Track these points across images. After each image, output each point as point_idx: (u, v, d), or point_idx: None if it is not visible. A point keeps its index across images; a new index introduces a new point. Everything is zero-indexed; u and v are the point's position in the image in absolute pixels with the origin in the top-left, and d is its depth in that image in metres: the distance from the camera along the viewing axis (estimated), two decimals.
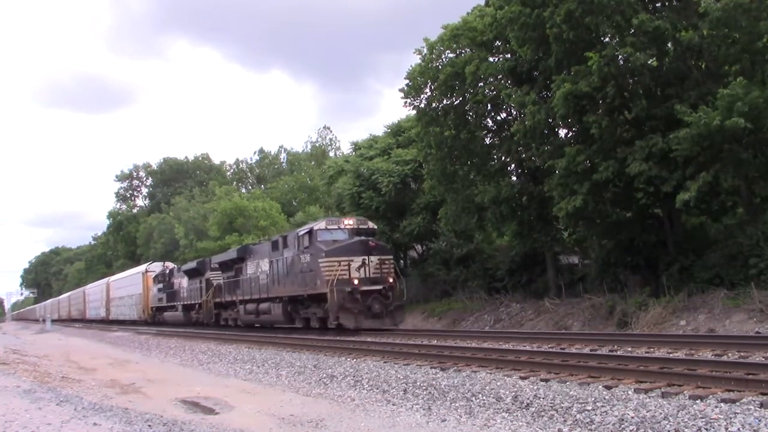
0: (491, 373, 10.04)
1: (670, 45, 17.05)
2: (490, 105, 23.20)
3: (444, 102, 23.88)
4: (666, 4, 18.11)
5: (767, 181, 16.49)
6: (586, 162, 17.98)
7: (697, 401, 7.13)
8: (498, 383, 9.19)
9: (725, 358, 10.09)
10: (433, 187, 25.73)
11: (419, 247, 32.73)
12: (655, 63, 17.37)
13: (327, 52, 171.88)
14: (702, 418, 6.51)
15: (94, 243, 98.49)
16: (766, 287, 15.33)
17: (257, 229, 45.27)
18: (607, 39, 17.85)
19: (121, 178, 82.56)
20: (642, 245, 19.19)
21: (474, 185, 23.94)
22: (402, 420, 8.10)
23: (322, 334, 19.80)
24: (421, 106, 24.32)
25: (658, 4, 18.18)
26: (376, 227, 21.85)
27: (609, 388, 8.30)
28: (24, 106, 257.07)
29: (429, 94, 24.09)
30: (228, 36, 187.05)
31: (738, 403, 6.86)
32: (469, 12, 23.49)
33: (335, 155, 60.64)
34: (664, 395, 7.55)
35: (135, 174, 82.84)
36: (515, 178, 24.33)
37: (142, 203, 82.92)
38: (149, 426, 7.79)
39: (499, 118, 24.13)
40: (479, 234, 27.87)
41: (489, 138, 24.76)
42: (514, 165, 24.25)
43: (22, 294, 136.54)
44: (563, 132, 21.26)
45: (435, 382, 9.85)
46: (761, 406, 6.72)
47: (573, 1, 16.51)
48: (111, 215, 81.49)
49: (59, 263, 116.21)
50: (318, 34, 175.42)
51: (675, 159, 15.89)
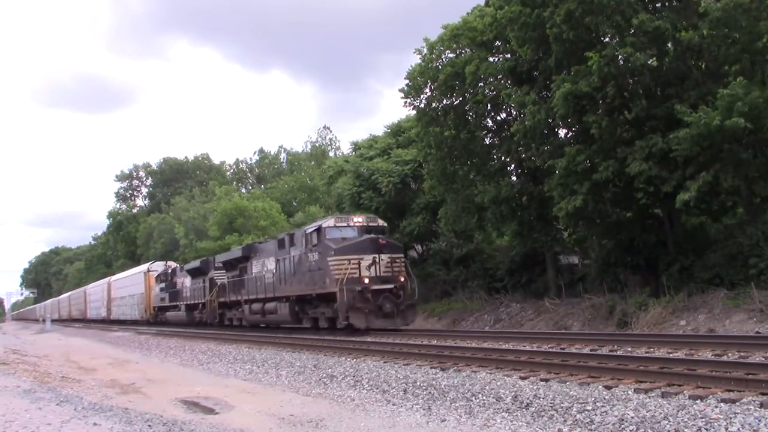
0: (491, 373, 10.04)
1: (670, 45, 17.05)
2: (490, 105, 23.19)
3: (444, 102, 23.87)
4: (666, 4, 18.11)
5: (767, 181, 16.49)
6: (586, 162, 17.98)
7: (697, 401, 7.13)
8: (498, 383, 9.19)
9: (725, 358, 10.09)
10: (433, 187, 25.73)
11: (419, 247, 32.71)
12: (655, 63, 17.37)
13: (327, 52, 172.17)
14: (702, 418, 6.51)
15: (94, 243, 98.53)
16: (766, 287, 15.32)
17: (257, 229, 45.28)
18: (607, 39, 17.84)
19: (121, 178, 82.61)
20: (642, 245, 19.19)
21: (474, 185, 23.93)
22: (402, 420, 8.10)
23: (329, 333, 19.50)
24: (421, 106, 24.31)
25: (658, 4, 18.18)
26: (385, 225, 21.44)
27: (609, 388, 8.30)
28: (24, 106, 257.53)
29: (429, 94, 24.08)
30: (228, 36, 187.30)
31: (738, 403, 6.86)
32: (469, 12, 23.49)
33: (335, 155, 60.65)
34: (664, 395, 7.55)
35: (135, 174, 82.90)
36: (515, 178, 24.32)
37: (142, 203, 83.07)
38: (149, 426, 7.79)
39: (499, 118, 24.12)
40: (479, 234, 27.86)
41: (489, 138, 24.75)
42: (514, 165, 24.24)
43: (22, 294, 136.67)
44: (563, 132, 21.27)
45: (435, 382, 9.85)
46: (761, 406, 6.72)
47: (573, 1, 16.51)
48: (111, 215, 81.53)
49: (59, 263, 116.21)
50: (318, 34, 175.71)
51: (675, 159, 15.89)
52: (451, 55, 23.29)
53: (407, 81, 24.10)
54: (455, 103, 23.72)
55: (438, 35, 23.37)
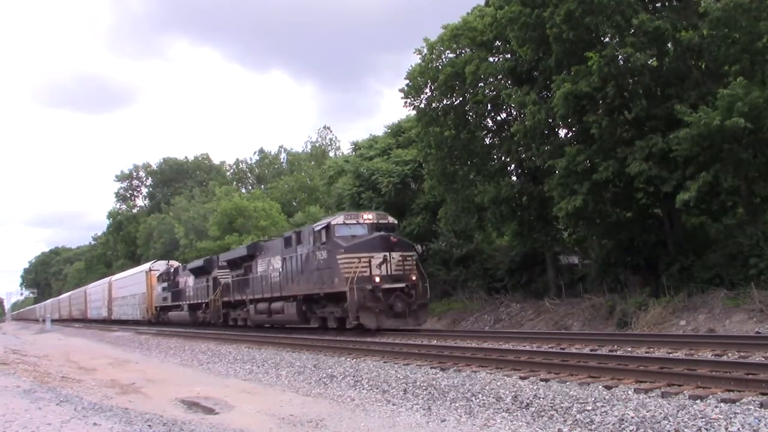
0: (491, 373, 10.04)
1: (670, 45, 17.05)
2: (490, 105, 23.18)
3: (444, 102, 23.87)
4: (666, 4, 18.11)
5: (767, 181, 16.50)
6: (586, 162, 17.97)
7: (697, 401, 7.13)
8: (498, 383, 9.19)
9: (725, 358, 10.10)
10: (433, 187, 25.72)
11: (419, 247, 32.69)
12: (655, 63, 17.36)
13: (327, 52, 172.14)
14: (702, 418, 6.51)
15: (94, 243, 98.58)
16: (766, 287, 15.32)
17: (257, 229, 45.30)
18: (607, 39, 17.84)
19: (121, 178, 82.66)
20: (642, 245, 19.18)
21: (474, 185, 23.93)
22: (402, 420, 8.10)
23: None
24: (421, 106, 24.30)
25: (658, 4, 18.17)
26: (396, 222, 20.91)
27: (609, 388, 8.30)
28: (24, 106, 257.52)
29: (429, 94, 24.08)
30: (228, 36, 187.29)
31: (738, 403, 6.86)
32: (469, 12, 23.49)
33: (335, 155, 60.70)
34: (664, 395, 7.55)
35: (135, 174, 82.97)
36: (515, 178, 24.32)
37: (142, 203, 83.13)
38: (149, 426, 7.79)
39: (499, 118, 24.12)
40: (479, 234, 27.87)
41: (489, 138, 24.74)
42: (514, 165, 24.24)
43: (22, 294, 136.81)
44: (563, 132, 21.27)
45: (435, 382, 9.85)
46: (761, 406, 6.71)
47: (573, 1, 16.51)
48: (111, 215, 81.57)
49: (59, 263, 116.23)
50: (318, 34, 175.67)
51: (675, 159, 15.88)
52: (451, 55, 23.29)
53: (407, 81, 24.10)
54: (455, 103, 23.72)
55: (438, 35, 23.39)
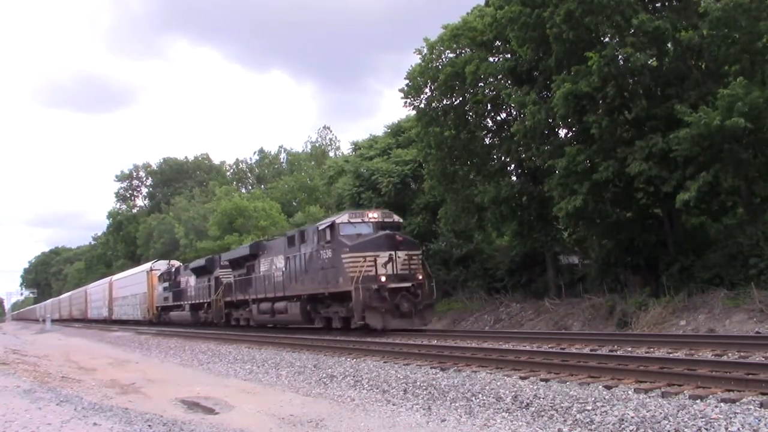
0: (491, 373, 10.04)
1: (670, 45, 17.05)
2: (490, 105, 23.18)
3: (444, 102, 23.87)
4: (666, 4, 18.11)
5: (767, 181, 16.50)
6: (586, 162, 17.98)
7: (697, 401, 7.13)
8: (498, 383, 9.19)
9: (725, 358, 10.09)
10: (433, 187, 25.73)
11: None
12: (655, 63, 17.36)
13: (327, 52, 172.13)
14: (702, 418, 6.51)
15: (94, 243, 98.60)
16: (766, 287, 15.32)
17: (257, 229, 45.31)
18: (607, 39, 17.84)
19: (121, 178, 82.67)
20: (642, 245, 19.19)
21: (474, 185, 23.94)
22: (402, 420, 8.10)
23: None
24: (421, 106, 24.31)
25: (658, 4, 18.18)
26: (402, 220, 20.53)
27: (609, 388, 8.30)
28: (24, 106, 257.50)
29: (429, 94, 24.08)
30: (228, 36, 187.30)
31: (738, 403, 6.86)
32: (469, 12, 23.50)
33: (335, 155, 60.73)
34: (664, 395, 7.55)
35: (135, 174, 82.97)
36: (515, 178, 24.33)
37: (142, 203, 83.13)
38: (149, 426, 7.79)
39: (499, 118, 24.12)
40: (479, 234, 27.87)
41: (489, 138, 24.74)
42: (514, 165, 24.25)
43: (22, 294, 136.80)
44: (563, 132, 21.27)
45: (435, 382, 9.85)
46: (761, 406, 6.71)
47: (573, 1, 16.51)
48: (111, 215, 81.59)
49: (59, 263, 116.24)
50: (318, 34, 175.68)
51: (675, 159, 15.89)
52: (451, 55, 23.29)
53: (407, 81, 24.10)
54: (455, 103, 23.72)
55: (438, 35, 23.39)
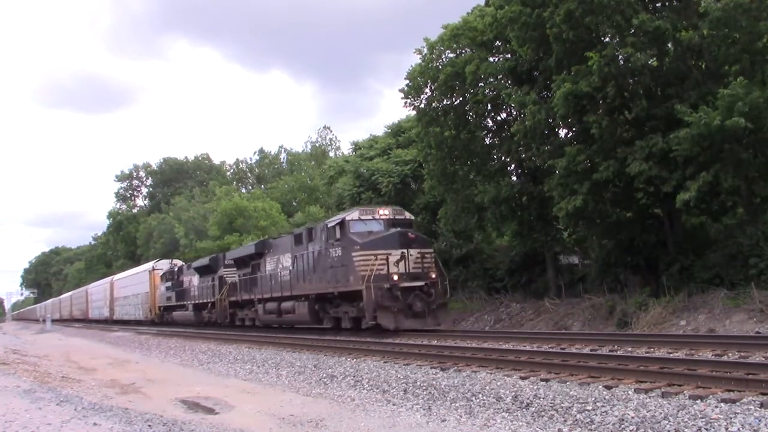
0: (491, 373, 10.04)
1: (670, 45, 17.05)
2: (490, 105, 23.19)
3: (444, 102, 23.89)
4: (666, 4, 18.11)
5: (767, 181, 16.49)
6: (586, 162, 17.97)
7: (697, 401, 7.13)
8: (498, 383, 9.19)
9: (725, 358, 10.09)
10: (433, 187, 25.74)
11: None
12: (655, 63, 17.36)
13: (327, 52, 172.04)
14: (702, 418, 6.51)
15: (94, 243, 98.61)
16: (766, 287, 15.32)
17: (257, 229, 45.31)
18: (608, 39, 17.84)
19: (121, 178, 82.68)
20: (642, 245, 19.19)
21: (474, 185, 23.94)
22: (402, 420, 8.10)
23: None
24: (421, 106, 24.32)
25: (658, 4, 18.18)
26: (413, 218, 20.09)
27: (609, 388, 8.29)
28: (24, 106, 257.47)
29: (429, 94, 24.10)
30: (228, 36, 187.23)
31: (738, 403, 6.86)
32: (469, 12, 23.51)
33: (335, 155, 60.76)
34: (664, 395, 7.55)
35: (135, 174, 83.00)
36: (515, 178, 24.33)
37: (142, 203, 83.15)
38: (149, 426, 7.78)
39: (499, 118, 24.13)
40: (479, 234, 27.86)
41: (489, 138, 24.75)
42: (514, 165, 24.25)
43: (22, 294, 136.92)
44: (563, 132, 21.28)
45: (435, 382, 9.85)
46: (761, 406, 6.71)
47: (573, 1, 16.51)
48: (111, 215, 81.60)
49: (59, 263, 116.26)
50: (318, 34, 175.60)
51: (675, 159, 15.89)
52: (451, 55, 23.30)
53: (407, 81, 24.12)
54: (455, 103, 23.73)
55: (438, 35, 23.41)
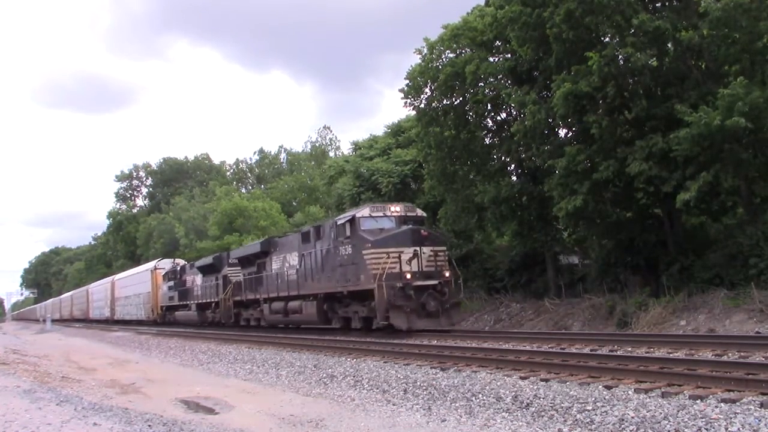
0: (491, 373, 10.04)
1: (670, 45, 17.05)
2: (490, 105, 23.20)
3: (444, 102, 23.89)
4: (666, 4, 18.11)
5: (767, 181, 16.49)
6: (586, 162, 17.97)
7: (697, 401, 7.13)
8: (498, 383, 9.19)
9: (725, 358, 10.09)
10: (433, 187, 25.74)
11: None
12: (655, 63, 17.36)
13: (327, 52, 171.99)
14: (702, 418, 6.51)
15: (94, 243, 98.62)
16: (766, 287, 15.32)
17: (257, 229, 45.31)
18: (607, 39, 17.84)
19: (121, 178, 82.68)
20: (642, 245, 19.19)
21: (474, 185, 23.94)
22: (402, 420, 8.10)
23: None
24: (421, 106, 24.33)
25: (658, 4, 18.18)
26: (425, 215, 19.75)
27: (609, 388, 8.29)
28: (24, 106, 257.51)
29: (429, 94, 24.10)
30: (228, 36, 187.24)
31: (738, 403, 6.86)
32: (470, 12, 23.52)
33: (335, 155, 60.79)
34: (664, 395, 7.55)
35: (135, 174, 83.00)
36: (515, 178, 24.33)
37: (142, 203, 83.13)
38: (149, 426, 7.78)
39: (499, 118, 24.14)
40: (479, 234, 27.87)
41: (489, 138, 24.76)
42: (514, 165, 24.26)
43: (22, 294, 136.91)
44: (563, 132, 21.29)
45: (435, 382, 9.85)
46: (761, 406, 6.71)
47: (573, 1, 16.52)
48: (111, 215, 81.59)
49: (59, 263, 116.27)
50: (318, 34, 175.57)
51: (675, 159, 15.89)
52: (451, 55, 23.31)
53: (407, 81, 24.12)
54: (455, 103, 23.74)
55: (438, 35, 23.42)
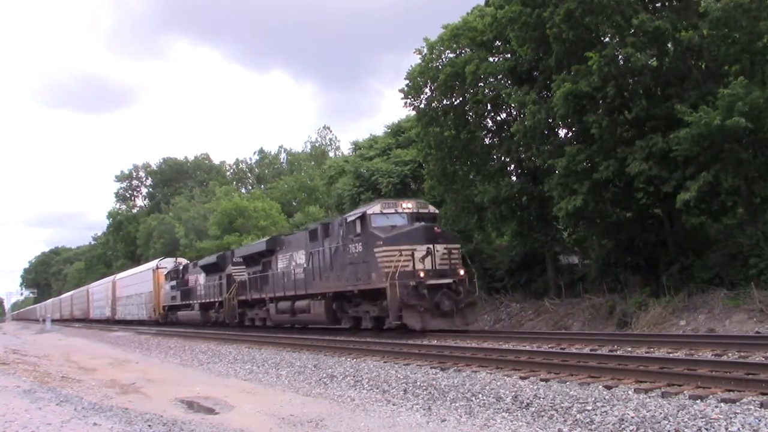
0: (491, 373, 10.04)
1: (670, 45, 17.05)
2: (490, 105, 23.19)
3: (444, 102, 23.88)
4: (666, 4, 18.11)
5: (767, 181, 16.49)
6: (586, 162, 17.97)
7: (697, 401, 7.13)
8: (498, 383, 9.19)
9: (725, 358, 10.09)
10: (433, 187, 25.73)
11: None
12: (655, 63, 17.36)
13: (327, 52, 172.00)
14: (702, 418, 6.51)
15: (94, 243, 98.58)
16: (766, 287, 15.31)
17: (257, 229, 45.31)
18: (607, 39, 17.84)
19: (121, 178, 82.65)
20: (642, 245, 19.18)
21: (474, 185, 23.94)
22: (402, 420, 8.10)
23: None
24: (421, 106, 24.32)
25: (658, 4, 18.17)
26: (437, 212, 19.44)
27: (609, 388, 8.29)
28: (24, 106, 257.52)
29: (429, 94, 24.09)
30: (228, 36, 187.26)
31: (738, 403, 6.86)
32: (469, 12, 23.51)
33: (335, 155, 60.78)
34: (664, 395, 7.55)
35: (135, 174, 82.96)
36: (515, 178, 24.32)
37: (142, 203, 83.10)
38: (149, 426, 7.78)
39: (499, 118, 24.13)
40: (479, 234, 27.85)
41: (489, 138, 24.75)
42: (514, 165, 24.25)
43: (22, 294, 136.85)
44: (563, 132, 21.29)
45: (435, 382, 9.85)
46: (761, 406, 6.71)
47: (573, 1, 16.51)
48: (111, 215, 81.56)
49: (59, 263, 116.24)
50: (318, 34, 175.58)
51: (675, 159, 15.88)
52: (451, 55, 23.30)
53: (407, 81, 24.12)
54: (455, 103, 23.73)
55: (438, 35, 23.40)
